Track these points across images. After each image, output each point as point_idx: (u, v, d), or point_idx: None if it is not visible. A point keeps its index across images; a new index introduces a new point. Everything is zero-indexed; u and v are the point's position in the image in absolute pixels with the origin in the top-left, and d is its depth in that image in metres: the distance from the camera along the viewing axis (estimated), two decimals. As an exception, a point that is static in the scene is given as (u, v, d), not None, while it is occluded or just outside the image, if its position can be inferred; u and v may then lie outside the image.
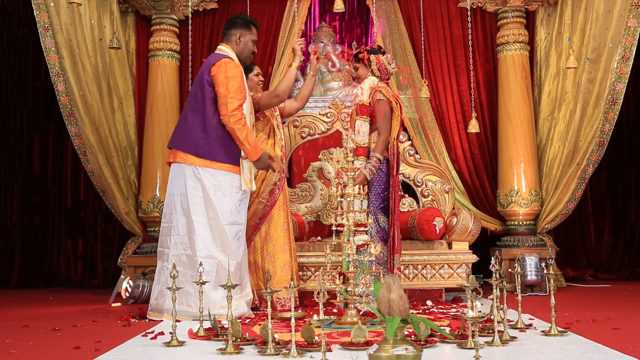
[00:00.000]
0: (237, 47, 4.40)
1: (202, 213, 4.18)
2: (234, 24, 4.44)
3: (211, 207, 4.18)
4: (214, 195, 4.19)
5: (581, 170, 5.83)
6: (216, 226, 4.18)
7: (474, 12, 6.21)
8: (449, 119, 6.32)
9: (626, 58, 5.49)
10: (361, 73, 4.57)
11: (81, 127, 5.68)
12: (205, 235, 4.16)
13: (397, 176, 4.41)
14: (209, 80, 4.22)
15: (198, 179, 4.20)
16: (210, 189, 4.19)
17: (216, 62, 4.23)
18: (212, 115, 4.22)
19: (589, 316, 4.06)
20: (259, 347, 3.07)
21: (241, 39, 4.41)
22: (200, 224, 4.17)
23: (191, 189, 4.20)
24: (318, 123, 5.85)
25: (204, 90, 4.23)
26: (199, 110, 4.24)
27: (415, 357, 2.30)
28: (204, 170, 4.20)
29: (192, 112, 4.26)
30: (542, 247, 5.87)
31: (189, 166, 4.22)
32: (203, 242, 4.15)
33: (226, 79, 4.17)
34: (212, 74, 4.21)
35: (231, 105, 4.15)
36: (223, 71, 4.19)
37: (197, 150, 4.20)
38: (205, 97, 4.23)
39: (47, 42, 5.45)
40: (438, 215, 5.20)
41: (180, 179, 4.25)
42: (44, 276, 7.03)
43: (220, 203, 4.19)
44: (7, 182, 7.22)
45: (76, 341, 3.36)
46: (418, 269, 5.07)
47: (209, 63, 4.26)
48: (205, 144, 4.20)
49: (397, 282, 2.41)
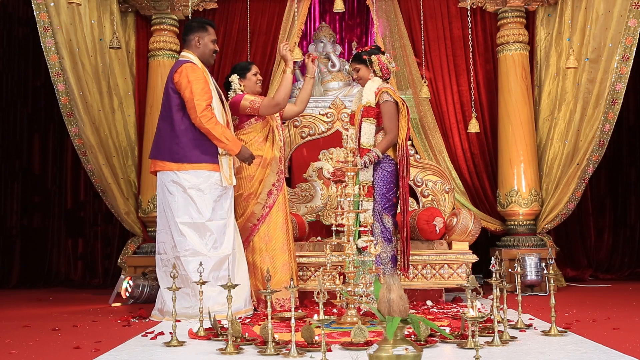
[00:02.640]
0: (198, 50, 4.45)
1: (184, 214, 4.25)
2: (190, 29, 4.49)
3: (192, 207, 4.26)
4: (194, 195, 4.26)
5: (581, 170, 5.83)
6: (201, 224, 4.25)
7: (474, 12, 6.21)
8: (449, 119, 6.32)
9: (626, 58, 5.49)
10: (362, 74, 4.57)
11: (81, 127, 5.68)
12: (191, 235, 4.23)
13: (407, 177, 4.41)
14: (172, 87, 4.30)
15: (177, 183, 4.27)
16: (190, 190, 4.26)
17: (177, 68, 4.30)
18: (181, 120, 4.28)
19: (589, 316, 4.06)
20: (259, 347, 3.07)
21: (200, 41, 4.45)
22: (184, 224, 4.24)
23: (172, 193, 4.28)
24: (318, 123, 5.85)
25: (170, 98, 4.32)
26: (168, 118, 4.32)
27: (415, 357, 2.30)
28: (183, 174, 4.27)
29: (162, 121, 4.36)
30: (542, 247, 5.87)
31: (168, 172, 4.30)
32: (190, 241, 4.22)
33: (189, 83, 4.23)
34: (175, 81, 4.29)
35: (199, 107, 4.20)
36: (185, 76, 4.25)
37: (172, 156, 4.28)
38: (171, 104, 4.31)
39: (47, 42, 5.45)
40: (438, 215, 5.20)
41: (162, 186, 4.34)
42: (44, 276, 7.03)
43: (200, 201, 4.26)
44: (7, 182, 7.22)
45: (76, 341, 3.36)
46: (418, 269, 5.06)
47: (172, 71, 4.35)
48: (179, 148, 4.27)
49: (397, 282, 2.41)
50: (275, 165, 4.75)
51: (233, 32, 6.42)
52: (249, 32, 6.08)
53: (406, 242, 4.42)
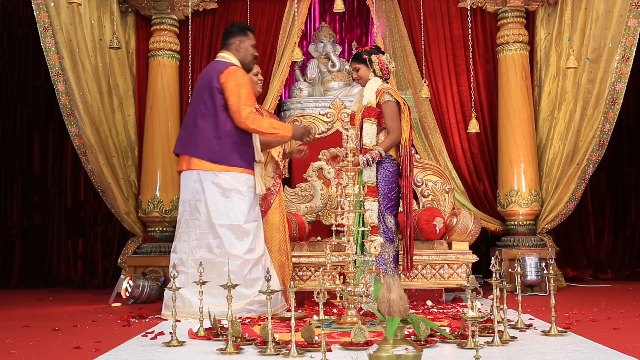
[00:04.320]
0: (239, 54, 4.46)
1: (222, 215, 4.24)
2: (231, 33, 4.49)
3: (232, 209, 4.26)
4: (234, 197, 4.26)
5: (581, 170, 5.82)
6: (238, 226, 4.26)
7: (474, 12, 6.21)
8: (449, 119, 6.32)
9: (626, 58, 5.49)
10: (362, 74, 4.56)
11: (81, 127, 5.68)
12: (229, 236, 4.23)
13: (411, 177, 4.40)
14: (218, 87, 4.27)
15: (216, 184, 4.25)
16: (229, 192, 4.26)
17: (224, 69, 4.28)
18: (225, 121, 4.28)
19: (589, 316, 4.06)
20: (259, 347, 3.07)
21: (241, 45, 4.46)
22: (223, 226, 4.23)
23: (210, 194, 4.25)
24: (318, 123, 5.85)
25: (214, 97, 4.28)
26: (210, 117, 4.29)
27: (415, 357, 2.30)
28: (223, 175, 4.26)
29: (202, 119, 4.30)
30: (542, 247, 5.87)
31: (206, 172, 4.27)
32: (228, 243, 4.22)
33: (237, 86, 4.23)
34: (221, 81, 4.26)
35: (244, 111, 4.21)
36: (233, 79, 4.24)
37: (212, 156, 4.26)
38: (216, 104, 4.28)
39: (47, 42, 5.45)
40: (438, 215, 5.20)
41: (197, 185, 4.29)
42: (44, 276, 7.03)
43: (240, 204, 4.27)
44: (7, 182, 7.22)
45: (76, 341, 3.36)
46: (418, 269, 5.06)
47: (217, 70, 4.30)
48: (220, 150, 4.26)
49: (397, 282, 2.41)
50: (272, 169, 4.76)
51: (233, 32, 6.40)
52: (249, 32, 6.08)
53: (410, 241, 4.42)
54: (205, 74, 4.39)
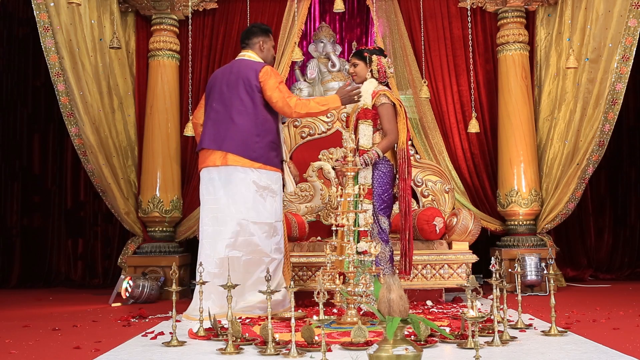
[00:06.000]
0: (262, 54, 4.54)
1: (257, 213, 4.28)
2: (253, 33, 4.57)
3: (264, 207, 4.30)
4: (267, 196, 4.31)
5: (581, 170, 5.82)
6: (270, 224, 4.32)
7: (474, 12, 6.21)
8: (449, 119, 6.32)
9: (626, 58, 5.49)
10: (359, 70, 4.53)
11: (81, 127, 5.68)
12: (260, 235, 4.27)
13: (409, 179, 4.39)
14: (257, 85, 4.34)
15: (254, 182, 4.28)
16: (264, 190, 4.30)
17: (261, 68, 4.37)
18: (264, 120, 4.35)
19: (589, 316, 4.06)
20: (259, 347, 3.07)
21: (264, 45, 4.55)
22: (257, 224, 4.27)
23: (247, 191, 4.28)
24: (318, 123, 5.85)
25: (254, 96, 4.34)
26: (249, 115, 4.33)
27: (415, 357, 2.30)
28: (259, 172, 4.30)
29: (240, 116, 4.33)
30: (542, 247, 5.87)
31: (244, 168, 4.29)
32: (260, 242, 4.26)
33: (278, 83, 4.34)
34: (260, 80, 4.34)
35: (291, 102, 4.32)
36: (273, 77, 4.35)
37: (250, 153, 4.29)
38: (255, 102, 4.34)
39: (47, 42, 5.44)
40: (438, 215, 5.20)
41: (233, 181, 4.29)
42: (44, 276, 7.03)
43: (272, 202, 4.34)
44: (7, 182, 7.22)
45: (76, 341, 3.36)
46: (418, 269, 5.06)
47: (253, 69, 4.37)
48: (258, 147, 4.30)
49: (397, 282, 2.41)
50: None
51: (233, 32, 6.41)
52: (249, 32, 6.08)
53: (408, 244, 4.40)
54: (236, 71, 4.41)
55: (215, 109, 4.42)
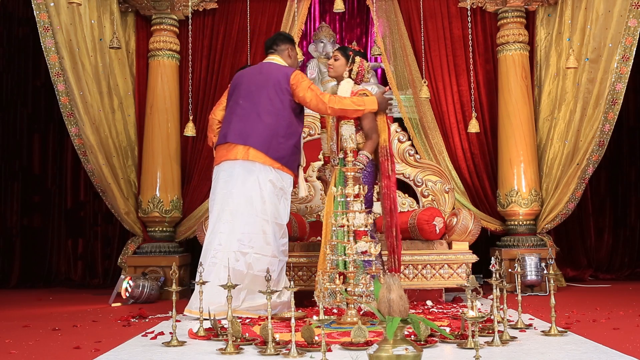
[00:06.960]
0: (289, 60, 4.64)
1: (272, 213, 4.31)
2: (281, 39, 4.67)
3: (278, 208, 4.34)
4: (281, 197, 4.36)
5: (581, 170, 5.82)
6: (281, 225, 4.38)
7: (474, 12, 6.21)
8: (449, 119, 6.32)
9: (626, 58, 5.49)
10: (338, 65, 4.50)
11: (81, 127, 5.68)
12: (271, 235, 4.30)
13: (393, 177, 4.38)
14: (288, 89, 4.42)
15: (271, 181, 4.32)
16: (279, 191, 4.35)
17: (292, 73, 4.45)
18: (292, 123, 4.43)
19: (589, 316, 4.06)
20: (259, 347, 3.07)
21: (291, 52, 4.65)
22: (269, 223, 4.30)
23: (265, 189, 4.31)
24: (318, 123, 5.85)
25: (283, 98, 4.40)
26: (279, 116, 4.38)
27: (415, 357, 2.30)
28: (278, 173, 4.35)
29: (268, 115, 4.37)
30: (542, 247, 5.87)
31: (264, 166, 4.32)
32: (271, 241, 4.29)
33: (309, 84, 4.43)
34: (291, 83, 4.41)
35: (325, 98, 4.35)
36: (304, 80, 4.44)
37: (273, 153, 4.33)
38: (285, 104, 4.41)
39: (47, 42, 5.44)
40: (438, 215, 5.20)
41: (253, 177, 4.31)
42: (44, 276, 7.03)
43: (285, 203, 4.39)
44: (7, 182, 7.22)
45: (76, 341, 3.36)
46: (418, 269, 5.06)
47: (284, 73, 4.44)
48: (282, 148, 4.36)
49: (397, 282, 2.41)
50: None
51: (233, 32, 6.41)
52: (249, 32, 6.08)
53: (396, 241, 4.36)
54: (266, 72, 4.48)
55: (242, 105, 4.45)
